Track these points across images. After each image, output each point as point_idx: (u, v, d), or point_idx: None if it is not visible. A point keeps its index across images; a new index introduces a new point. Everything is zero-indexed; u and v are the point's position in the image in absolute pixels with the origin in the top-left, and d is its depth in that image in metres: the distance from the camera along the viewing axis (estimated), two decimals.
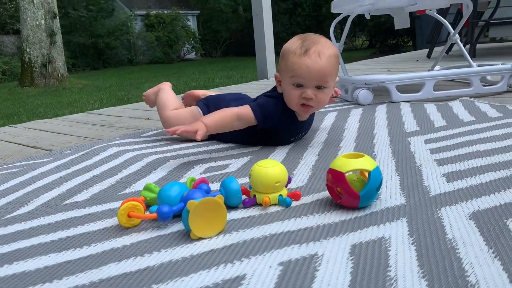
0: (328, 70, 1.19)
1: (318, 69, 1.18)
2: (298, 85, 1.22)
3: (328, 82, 1.21)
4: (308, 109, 1.25)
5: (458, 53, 4.25)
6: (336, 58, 1.23)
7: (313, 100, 1.22)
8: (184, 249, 0.72)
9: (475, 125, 1.42)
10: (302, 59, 1.19)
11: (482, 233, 0.69)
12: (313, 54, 1.18)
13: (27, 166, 1.35)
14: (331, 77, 1.22)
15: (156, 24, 18.60)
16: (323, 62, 1.18)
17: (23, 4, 8.73)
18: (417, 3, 2.12)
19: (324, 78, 1.20)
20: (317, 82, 1.20)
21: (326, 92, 1.24)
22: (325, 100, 1.25)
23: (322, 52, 1.19)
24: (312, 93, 1.21)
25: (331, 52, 1.21)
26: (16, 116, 4.84)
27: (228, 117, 1.25)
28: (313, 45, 1.20)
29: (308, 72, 1.18)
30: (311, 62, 1.18)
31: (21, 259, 0.72)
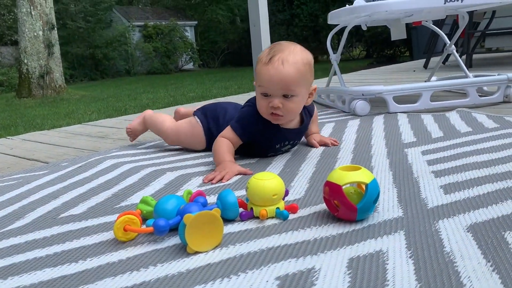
0: (292, 78, 1.16)
1: (281, 77, 1.16)
2: (265, 94, 1.21)
3: (294, 90, 1.19)
4: (278, 117, 1.23)
5: (455, 64, 4.27)
6: (305, 65, 1.19)
7: (281, 109, 1.20)
8: (180, 263, 0.71)
9: (472, 136, 1.43)
10: (266, 68, 1.17)
11: (480, 246, 0.68)
12: (276, 61, 1.16)
13: (24, 178, 1.34)
14: (297, 85, 1.18)
15: (154, 35, 18.69)
16: (286, 69, 1.15)
17: (22, 16, 8.77)
18: (413, 14, 2.14)
19: (288, 87, 1.17)
20: (282, 91, 1.18)
21: (295, 101, 1.21)
22: (294, 108, 1.23)
23: (286, 60, 1.16)
24: (279, 101, 1.19)
25: (297, 59, 1.18)
26: (13, 128, 4.83)
27: (228, 143, 1.26)
28: (278, 53, 1.18)
29: (269, 80, 1.17)
30: (273, 71, 1.16)
31: (16, 274, 0.71)
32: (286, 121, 1.29)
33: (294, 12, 15.31)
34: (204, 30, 21.72)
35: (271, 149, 1.36)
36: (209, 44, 20.67)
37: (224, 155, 1.23)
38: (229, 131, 1.29)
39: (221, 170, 1.16)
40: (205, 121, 1.47)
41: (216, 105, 1.55)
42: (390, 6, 1.93)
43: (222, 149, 1.24)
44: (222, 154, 1.23)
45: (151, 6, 24.26)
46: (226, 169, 1.17)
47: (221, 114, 1.46)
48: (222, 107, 1.51)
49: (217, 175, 1.14)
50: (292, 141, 1.39)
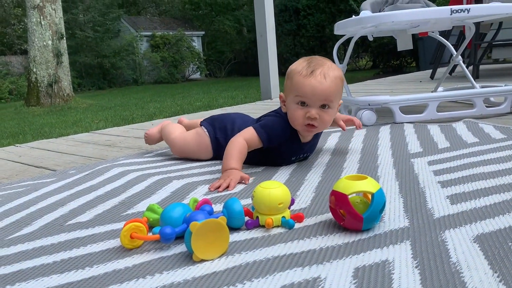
0: (332, 91, 1.23)
1: (323, 89, 1.22)
2: (302, 104, 1.25)
3: (333, 102, 1.25)
4: (312, 128, 1.27)
5: (461, 74, 4.27)
6: (340, 80, 1.27)
7: (317, 120, 1.25)
8: (186, 271, 0.71)
9: (478, 146, 1.42)
10: (308, 80, 1.23)
11: (486, 257, 0.68)
12: (319, 75, 1.23)
13: (32, 186, 1.35)
14: (335, 97, 1.26)
15: (162, 45, 18.84)
16: (328, 82, 1.22)
17: (31, 25, 8.89)
18: (420, 25, 2.15)
19: (328, 98, 1.24)
20: (321, 102, 1.24)
21: (330, 113, 1.27)
22: (329, 120, 1.28)
23: (328, 74, 1.23)
24: (316, 112, 1.24)
25: (336, 74, 1.26)
26: (21, 135, 4.88)
27: (243, 146, 1.27)
28: (319, 67, 1.25)
29: (312, 91, 1.22)
30: (316, 82, 1.22)
31: (23, 280, 0.72)
32: (318, 132, 1.34)
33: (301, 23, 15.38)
34: (211, 40, 21.87)
35: (286, 161, 1.38)
36: (216, 54, 20.80)
37: (231, 162, 1.24)
38: (251, 133, 1.29)
39: (226, 178, 1.18)
40: (213, 131, 1.48)
41: (223, 115, 1.57)
42: (396, 17, 1.93)
43: (232, 154, 1.25)
44: (232, 159, 1.24)
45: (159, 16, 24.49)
46: (230, 177, 1.18)
47: (229, 124, 1.47)
48: (230, 118, 1.52)
49: (222, 183, 1.16)
50: (307, 154, 1.42)
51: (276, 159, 1.37)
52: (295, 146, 1.35)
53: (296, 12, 15.47)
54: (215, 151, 1.47)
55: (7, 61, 16.14)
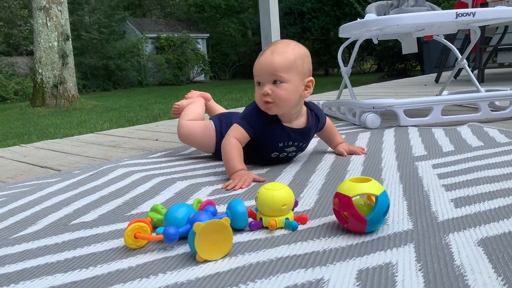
0: (279, 64, 1.24)
1: (268, 63, 1.24)
2: (258, 84, 1.29)
3: (283, 76, 1.24)
4: (269, 105, 1.27)
5: (466, 78, 4.26)
6: (295, 55, 1.26)
7: (270, 96, 1.25)
8: (189, 271, 0.71)
9: (483, 150, 1.42)
10: (258, 59, 1.28)
11: (490, 260, 0.68)
12: (267, 52, 1.27)
13: (36, 185, 1.36)
14: (286, 71, 1.24)
15: (167, 47, 18.89)
16: (275, 57, 1.24)
17: (37, 27, 8.94)
18: (425, 28, 2.15)
19: (276, 72, 1.24)
20: (271, 77, 1.25)
21: (284, 87, 1.25)
22: (284, 95, 1.25)
23: (276, 50, 1.26)
24: (269, 88, 1.25)
25: (287, 49, 1.26)
26: (26, 136, 4.90)
27: (238, 146, 1.29)
28: (271, 46, 1.28)
29: (260, 68, 1.26)
30: (263, 59, 1.26)
31: (27, 279, 0.72)
32: (279, 111, 1.31)
33: (306, 26, 15.40)
34: (216, 43, 21.91)
35: (274, 147, 1.37)
36: (221, 57, 20.84)
37: (237, 164, 1.25)
38: (236, 128, 1.31)
39: (240, 178, 1.20)
40: (219, 125, 1.53)
41: (231, 113, 1.63)
42: (401, 20, 1.93)
43: (233, 156, 1.26)
44: (235, 162, 1.25)
45: (164, 19, 24.58)
46: (245, 176, 1.20)
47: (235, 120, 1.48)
48: (236, 115, 1.54)
49: (238, 182, 1.18)
50: (296, 142, 1.39)
51: (263, 148, 1.37)
52: (278, 131, 1.34)
53: (301, 15, 15.49)
54: (217, 146, 1.49)
55: (13, 62, 16.23)
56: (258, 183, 1.21)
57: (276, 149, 1.38)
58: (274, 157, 1.40)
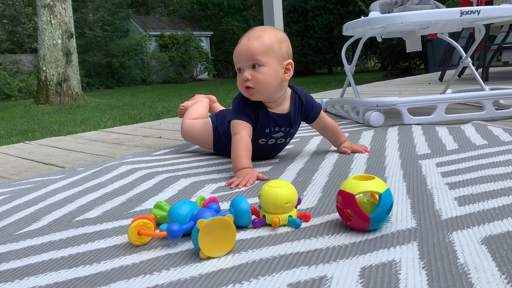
0: (256, 48, 1.25)
1: (246, 48, 1.26)
2: (239, 71, 1.30)
3: (260, 60, 1.26)
4: (250, 91, 1.29)
5: (471, 77, 4.25)
6: (271, 39, 1.27)
7: (251, 80, 1.27)
8: (193, 268, 0.72)
9: (487, 149, 1.41)
10: (236, 46, 1.30)
11: (494, 259, 0.68)
12: (244, 39, 1.29)
13: (40, 182, 1.36)
14: (263, 55, 1.26)
15: (170, 45, 18.91)
16: (252, 42, 1.26)
17: (42, 24, 8.96)
18: (429, 26, 2.14)
19: (253, 56, 1.26)
20: (249, 61, 1.27)
21: (263, 71, 1.27)
22: (263, 79, 1.27)
23: (252, 35, 1.28)
24: (249, 73, 1.27)
25: (265, 34, 1.28)
26: (30, 133, 4.92)
27: (249, 144, 1.29)
28: (247, 33, 1.31)
29: (238, 54, 1.28)
30: (240, 45, 1.29)
31: (32, 275, 0.73)
32: (262, 97, 1.32)
33: (309, 24, 15.34)
34: (219, 41, 21.91)
35: (261, 134, 1.38)
36: (224, 54, 20.83)
37: (243, 162, 1.25)
38: (238, 123, 1.32)
39: (244, 176, 1.20)
40: (215, 121, 1.58)
41: (227, 109, 1.66)
42: (405, 18, 1.93)
43: (241, 153, 1.27)
44: (241, 159, 1.26)
45: (167, 16, 24.58)
46: (249, 175, 1.20)
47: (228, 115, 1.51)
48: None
49: (242, 180, 1.18)
50: (283, 128, 1.39)
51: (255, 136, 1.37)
52: (264, 117, 1.35)
53: (304, 13, 15.44)
54: (215, 139, 1.56)
55: (17, 60, 16.29)
56: (264, 181, 1.21)
57: (263, 135, 1.39)
58: (262, 144, 1.41)
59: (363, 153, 1.48)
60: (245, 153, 1.27)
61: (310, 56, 15.45)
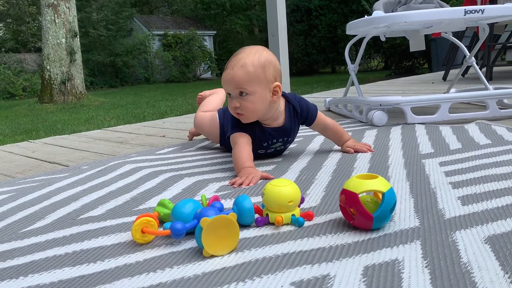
0: (241, 79, 1.26)
1: (230, 78, 1.27)
2: (229, 95, 1.32)
3: (246, 89, 1.27)
4: (240, 116, 1.32)
5: (474, 76, 4.23)
6: (255, 66, 1.26)
7: (239, 108, 1.29)
8: (196, 266, 0.72)
9: (491, 148, 1.41)
10: (223, 74, 1.31)
11: (498, 258, 0.68)
12: (228, 68, 1.29)
13: (45, 180, 1.37)
14: (248, 84, 1.26)
15: (174, 44, 18.93)
16: (235, 71, 1.26)
17: (46, 23, 8.99)
18: (433, 26, 2.13)
19: (238, 86, 1.27)
20: (235, 90, 1.28)
21: (250, 99, 1.28)
22: (251, 107, 1.29)
23: (236, 64, 1.27)
24: (237, 101, 1.29)
25: (246, 61, 1.26)
26: (34, 132, 4.93)
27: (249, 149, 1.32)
28: (232, 59, 1.30)
29: (225, 82, 1.30)
30: (225, 75, 1.29)
31: (36, 272, 0.73)
32: (252, 120, 1.34)
33: (313, 23, 15.33)
34: (222, 40, 21.93)
35: (259, 147, 1.42)
36: (227, 54, 20.81)
37: (245, 161, 1.27)
38: (235, 136, 1.34)
39: (248, 175, 1.20)
40: (222, 118, 1.60)
41: None
42: (409, 17, 1.92)
43: (242, 154, 1.29)
44: (244, 160, 1.27)
45: (171, 16, 24.60)
46: (252, 174, 1.21)
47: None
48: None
49: (245, 179, 1.18)
50: (281, 139, 1.42)
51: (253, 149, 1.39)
52: (259, 132, 1.38)
53: (308, 12, 15.43)
54: (221, 135, 1.59)
55: (21, 59, 16.34)
56: (267, 180, 1.21)
57: (261, 147, 1.43)
58: (261, 153, 1.45)
59: (366, 152, 1.48)
60: (246, 155, 1.28)
61: (314, 55, 15.44)
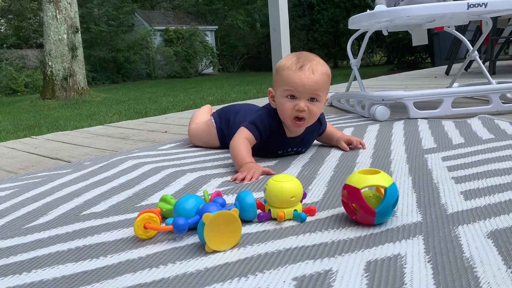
0: (320, 85, 1.28)
1: (312, 82, 1.27)
2: (292, 97, 1.29)
3: (320, 96, 1.30)
4: (301, 122, 1.31)
5: (477, 70, 4.21)
6: (327, 76, 1.31)
7: (306, 112, 1.28)
8: (198, 261, 0.72)
9: (494, 143, 1.40)
10: (298, 74, 1.27)
11: (500, 253, 0.68)
12: (307, 70, 1.27)
13: (47, 176, 1.37)
14: (323, 91, 1.30)
15: (175, 39, 18.90)
16: (316, 77, 1.27)
17: (47, 19, 8.98)
18: (435, 20, 2.12)
19: (316, 91, 1.28)
20: (309, 95, 1.28)
21: (318, 106, 1.30)
22: (317, 113, 1.31)
23: (316, 69, 1.28)
24: (305, 105, 1.27)
25: (324, 70, 1.30)
26: (37, 128, 4.94)
27: (247, 144, 1.32)
28: (308, 62, 1.29)
29: (302, 85, 1.27)
30: (305, 77, 1.27)
31: (39, 268, 0.74)
32: (309, 124, 1.35)
33: (315, 17, 15.26)
34: (224, 35, 21.87)
35: (273, 153, 1.43)
36: (229, 49, 20.80)
37: (246, 157, 1.27)
38: (244, 132, 1.34)
39: (249, 170, 1.20)
40: (219, 122, 1.60)
41: (230, 107, 1.68)
42: (412, 11, 1.91)
43: (242, 151, 1.28)
44: (243, 156, 1.27)
45: (172, 11, 24.54)
46: (253, 169, 1.21)
47: (232, 116, 1.57)
48: (234, 109, 1.62)
49: (247, 174, 1.18)
50: (295, 148, 1.44)
51: (262, 152, 1.42)
52: (279, 140, 1.39)
53: (310, 6, 15.36)
54: (221, 140, 1.59)
55: (23, 55, 16.35)
56: (269, 175, 1.20)
57: (274, 154, 1.44)
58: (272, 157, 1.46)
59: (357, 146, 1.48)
60: (245, 151, 1.29)
61: (316, 50, 15.38)
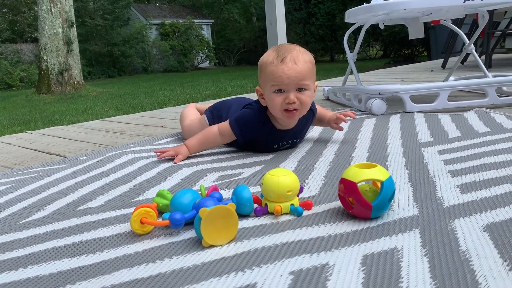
0: (305, 73, 1.27)
1: (296, 74, 1.26)
2: (280, 91, 1.28)
3: (308, 84, 1.29)
4: (293, 114, 1.30)
5: (474, 64, 4.21)
6: (311, 63, 1.31)
7: (297, 103, 1.27)
8: (195, 256, 0.72)
9: (490, 136, 1.41)
10: (281, 67, 1.26)
11: (496, 246, 0.68)
12: (289, 62, 1.27)
13: (43, 172, 1.37)
14: (309, 79, 1.29)
15: (171, 33, 18.80)
16: (300, 66, 1.26)
17: (42, 13, 8.91)
18: (432, 13, 2.12)
19: (302, 81, 1.27)
20: (296, 86, 1.27)
21: (307, 94, 1.29)
22: (308, 101, 1.30)
23: (297, 59, 1.28)
24: (294, 96, 1.27)
25: (306, 58, 1.29)
26: (32, 123, 4.92)
27: (211, 136, 1.37)
28: (288, 54, 1.28)
29: (287, 77, 1.26)
30: (288, 68, 1.26)
31: (35, 263, 0.73)
32: (302, 115, 1.34)
33: (311, 11, 15.22)
34: (220, 29, 21.78)
35: (268, 149, 1.43)
36: (225, 43, 20.72)
37: (191, 141, 1.38)
38: (226, 127, 1.36)
39: (177, 150, 1.35)
40: (212, 119, 1.59)
41: (222, 103, 1.67)
42: (408, 4, 1.91)
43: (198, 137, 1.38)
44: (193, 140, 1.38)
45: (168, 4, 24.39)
46: (182, 153, 1.34)
47: (224, 112, 1.56)
48: (226, 105, 1.61)
49: (171, 152, 1.34)
50: (290, 140, 1.44)
51: (257, 148, 1.43)
52: (272, 136, 1.38)
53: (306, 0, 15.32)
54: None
55: (18, 49, 16.23)
56: (265, 170, 1.20)
57: (269, 150, 1.43)
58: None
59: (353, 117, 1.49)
60: (201, 139, 1.37)
61: (312, 43, 15.35)
